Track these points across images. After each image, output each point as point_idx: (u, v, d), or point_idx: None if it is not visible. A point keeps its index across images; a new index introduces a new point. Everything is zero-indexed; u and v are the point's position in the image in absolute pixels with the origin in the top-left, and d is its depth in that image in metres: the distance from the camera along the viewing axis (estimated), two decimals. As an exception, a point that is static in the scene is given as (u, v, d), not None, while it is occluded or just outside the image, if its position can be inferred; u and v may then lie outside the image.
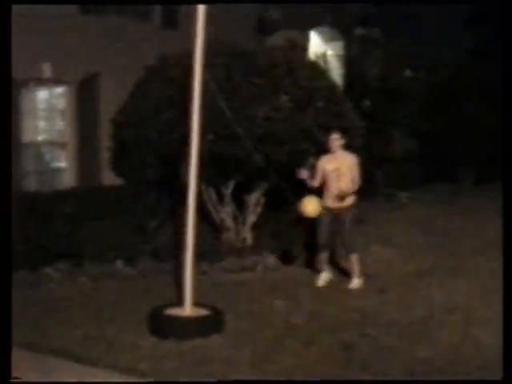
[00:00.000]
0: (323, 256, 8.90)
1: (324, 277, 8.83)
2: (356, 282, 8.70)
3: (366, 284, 8.73)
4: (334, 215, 8.69)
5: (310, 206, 8.30)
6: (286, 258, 9.81)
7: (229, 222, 10.39)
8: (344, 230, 8.71)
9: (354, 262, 8.77)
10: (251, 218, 10.49)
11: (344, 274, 9.12)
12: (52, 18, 12.05)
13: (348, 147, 8.99)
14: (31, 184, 11.97)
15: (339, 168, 8.58)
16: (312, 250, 9.36)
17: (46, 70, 12.14)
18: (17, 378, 5.41)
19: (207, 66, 6.96)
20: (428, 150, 19.73)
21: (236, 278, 9.10)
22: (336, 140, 8.66)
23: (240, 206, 10.42)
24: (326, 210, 8.60)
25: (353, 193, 8.69)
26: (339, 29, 20.93)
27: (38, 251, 9.08)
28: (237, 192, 10.26)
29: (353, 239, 8.78)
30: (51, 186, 11.87)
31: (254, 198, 10.40)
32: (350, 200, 8.69)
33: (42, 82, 12.49)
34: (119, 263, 9.24)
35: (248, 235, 10.49)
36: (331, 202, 8.66)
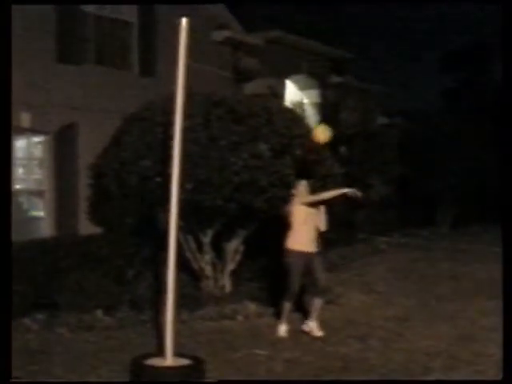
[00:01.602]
0: (288, 306, 8.61)
1: (285, 328, 8.59)
2: (316, 326, 8.57)
3: (346, 331, 8.69)
4: (305, 261, 8.51)
5: (323, 131, 8.53)
6: None
7: (208, 270, 10.36)
8: (320, 273, 8.57)
9: (319, 307, 8.60)
10: (230, 266, 10.47)
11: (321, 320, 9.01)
12: (30, 66, 12.12)
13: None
14: (8, 233, 11.85)
15: (314, 213, 8.55)
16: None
17: (25, 119, 12.13)
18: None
19: (187, 113, 6.99)
20: (405, 194, 19.92)
21: (216, 326, 9.02)
22: (306, 186, 8.62)
23: (219, 253, 10.40)
24: (299, 256, 8.46)
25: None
26: (314, 77, 21.16)
27: (16, 301, 8.97)
28: (216, 240, 10.24)
29: (326, 284, 8.76)
30: (29, 235, 11.77)
31: (233, 246, 10.39)
32: (318, 244, 8.65)
33: (20, 131, 12.47)
34: (99, 313, 9.13)
35: (227, 283, 10.45)
36: (306, 247, 8.50)
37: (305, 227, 8.50)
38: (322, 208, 8.57)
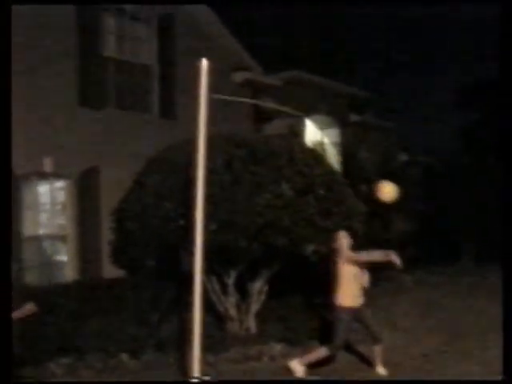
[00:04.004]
0: (323, 355, 8.43)
1: (303, 369, 8.45)
2: (383, 369, 8.56)
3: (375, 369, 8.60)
4: (354, 316, 8.41)
5: (388, 189, 8.53)
6: None
7: (232, 312, 10.29)
8: (371, 322, 8.56)
9: (380, 352, 8.58)
10: (255, 307, 10.40)
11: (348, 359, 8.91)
12: (52, 112, 12.25)
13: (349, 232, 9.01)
14: (33, 278, 11.89)
15: (359, 268, 8.52)
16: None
17: (47, 164, 12.23)
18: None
19: (209, 155, 7.00)
20: (427, 230, 19.80)
21: (242, 368, 8.95)
22: (347, 238, 8.59)
23: (243, 294, 10.34)
24: (349, 311, 8.32)
25: None
26: (334, 116, 21.20)
27: (41, 346, 8.95)
28: (239, 280, 10.19)
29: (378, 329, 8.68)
30: (53, 280, 11.79)
31: (258, 287, 10.33)
32: (363, 297, 8.58)
33: (42, 176, 12.57)
34: (124, 356, 9.08)
35: (252, 324, 10.37)
36: (355, 302, 8.41)
37: (353, 283, 8.43)
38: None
